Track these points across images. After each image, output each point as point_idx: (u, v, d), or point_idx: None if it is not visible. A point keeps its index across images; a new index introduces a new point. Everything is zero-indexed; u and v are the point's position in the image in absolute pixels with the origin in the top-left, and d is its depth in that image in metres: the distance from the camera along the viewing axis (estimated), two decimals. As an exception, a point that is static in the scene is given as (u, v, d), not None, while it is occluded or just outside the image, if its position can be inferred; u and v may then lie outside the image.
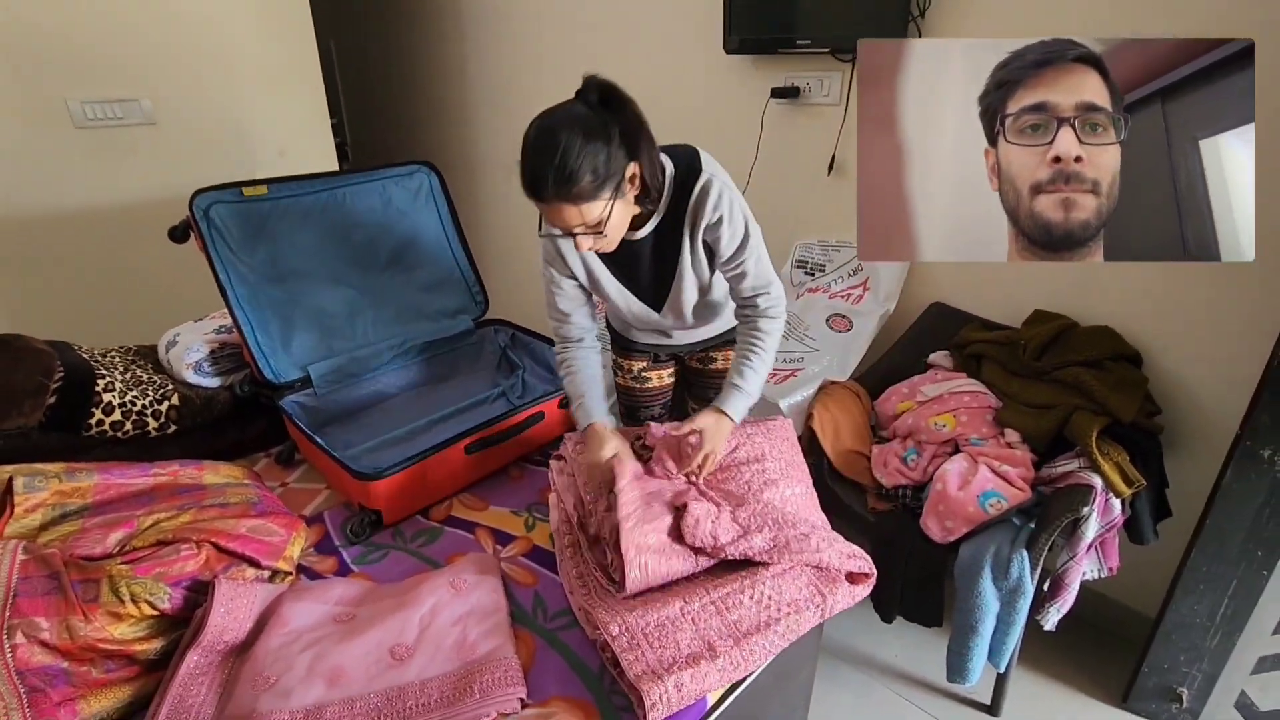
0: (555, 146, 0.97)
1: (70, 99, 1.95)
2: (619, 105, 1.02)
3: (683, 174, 1.13)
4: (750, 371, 1.21)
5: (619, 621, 1.01)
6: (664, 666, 0.95)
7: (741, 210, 1.15)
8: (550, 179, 0.98)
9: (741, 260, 1.17)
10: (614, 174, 1.01)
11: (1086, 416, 1.40)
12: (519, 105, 2.81)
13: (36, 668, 0.87)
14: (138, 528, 1.07)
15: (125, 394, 1.43)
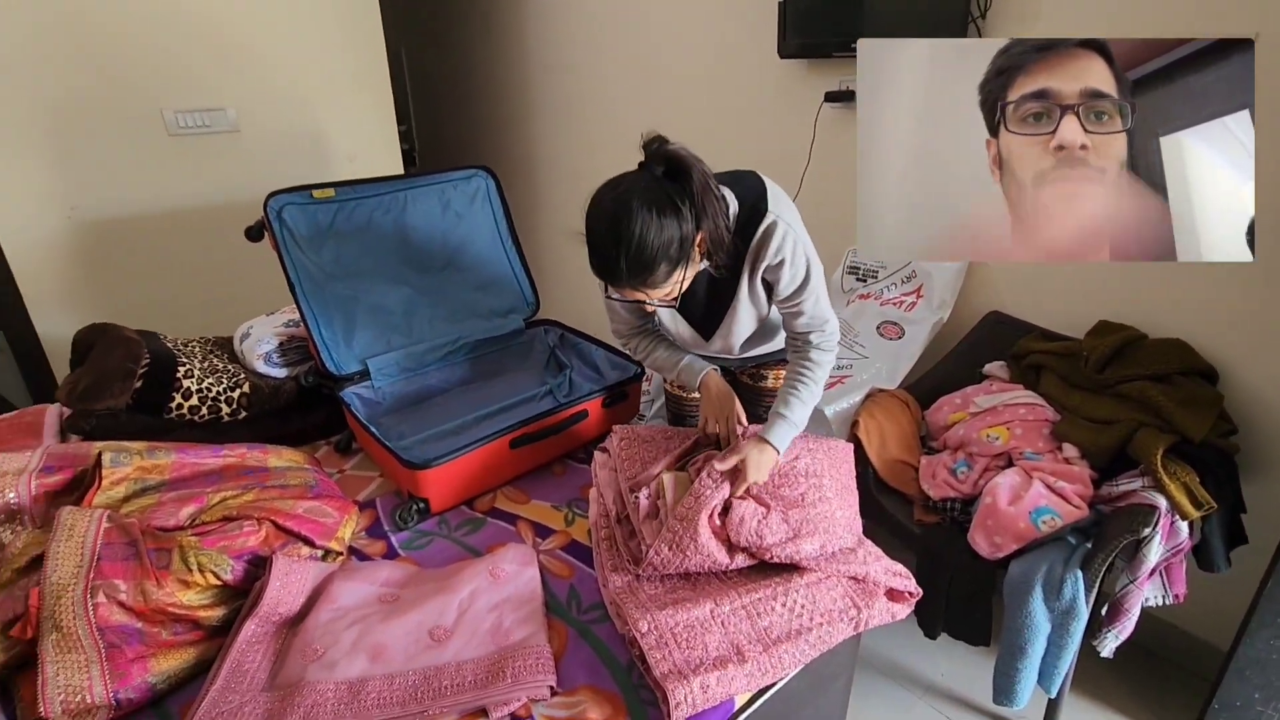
0: (629, 237, 0.93)
1: (165, 108, 2.12)
2: (685, 175, 0.98)
3: (747, 213, 1.10)
4: (798, 402, 1.18)
5: (649, 619, 1.02)
6: (690, 667, 0.96)
7: (805, 252, 1.11)
8: (625, 270, 0.96)
9: (800, 301, 1.15)
10: (686, 252, 0.98)
11: (1152, 433, 1.33)
12: (577, 112, 2.87)
13: (115, 626, 0.95)
14: (207, 504, 1.15)
15: (203, 381, 1.54)
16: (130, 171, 2.11)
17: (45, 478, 1.14)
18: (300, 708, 0.90)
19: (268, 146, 2.33)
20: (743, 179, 1.13)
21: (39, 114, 1.94)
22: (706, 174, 1.01)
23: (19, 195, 1.96)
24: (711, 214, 1.00)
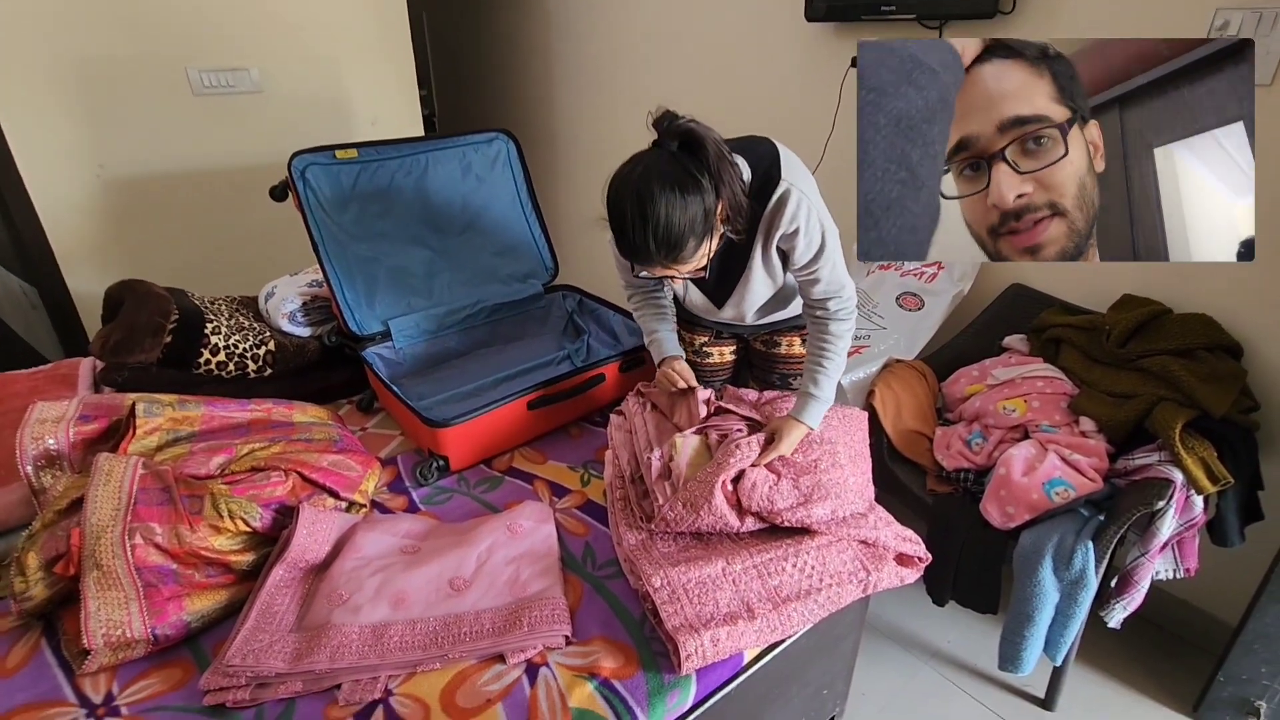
0: (655, 217, 0.94)
1: (190, 67, 2.13)
2: (700, 147, 0.97)
3: (760, 180, 1.09)
4: (824, 377, 1.19)
5: (661, 575, 1.05)
6: (701, 621, 0.99)
7: (819, 219, 1.10)
8: (654, 250, 0.97)
9: (816, 268, 1.14)
10: (710, 225, 0.99)
11: (1171, 408, 1.32)
12: (599, 78, 2.84)
13: (152, 566, 1.00)
14: (236, 454, 1.19)
15: (229, 338, 1.57)
16: (156, 130, 2.13)
17: (82, 425, 1.18)
18: (327, 647, 0.95)
19: (290, 108, 2.34)
20: (755, 146, 1.11)
21: (66, 72, 1.96)
22: (719, 143, 1.00)
23: (49, 153, 2.00)
24: (728, 180, 1.00)
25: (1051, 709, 1.50)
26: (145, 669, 0.97)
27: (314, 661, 0.93)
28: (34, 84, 1.93)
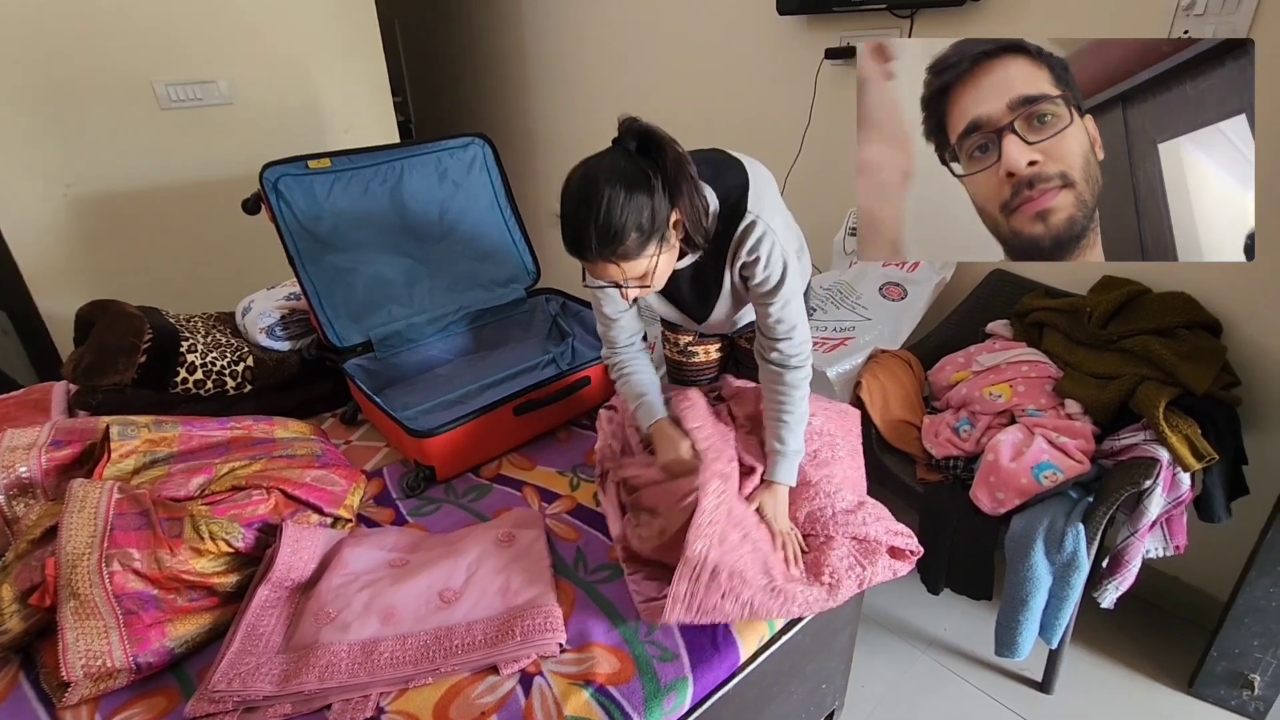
0: (597, 204, 0.91)
1: (156, 81, 2.09)
2: (658, 150, 0.95)
3: (728, 211, 1.06)
4: (788, 432, 1.15)
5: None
6: (692, 579, 0.99)
7: (781, 255, 1.07)
8: (594, 239, 0.93)
9: (771, 301, 1.11)
10: (658, 227, 0.96)
11: (1154, 387, 1.33)
12: (575, 79, 2.83)
13: (131, 593, 0.97)
14: (215, 474, 1.16)
15: (206, 355, 1.54)
16: (124, 146, 2.09)
17: (55, 451, 1.15)
18: (316, 667, 0.93)
19: (262, 119, 2.30)
20: (725, 173, 1.07)
21: (29, 89, 1.91)
22: (682, 154, 0.97)
23: (13, 172, 1.95)
24: (687, 193, 0.97)
25: (1049, 691, 1.51)
26: (128, 699, 0.94)
27: (303, 682, 0.91)
28: (-5, 103, 1.88)
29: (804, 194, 2.10)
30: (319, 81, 2.40)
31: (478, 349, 1.84)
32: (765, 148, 2.19)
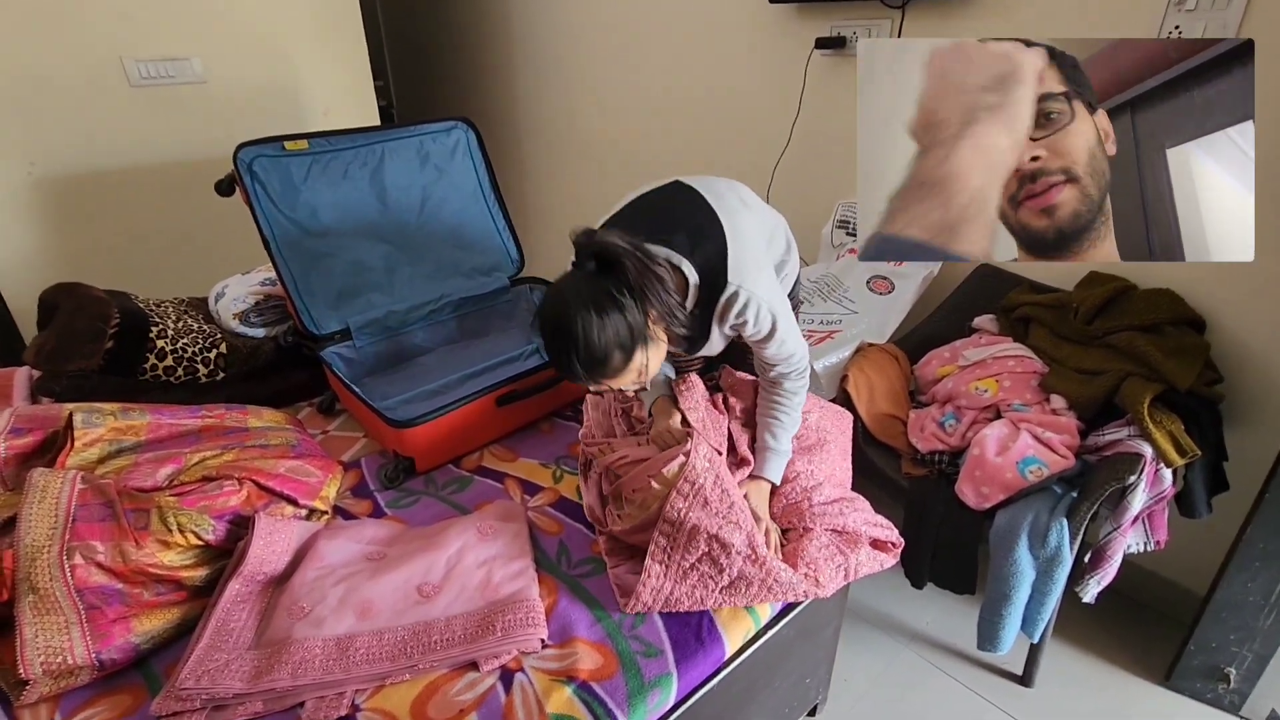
0: (574, 336, 0.92)
1: (126, 58, 2.01)
2: (617, 263, 0.93)
3: (708, 287, 1.04)
4: (781, 431, 1.18)
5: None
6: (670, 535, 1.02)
7: (769, 310, 1.05)
8: (580, 369, 0.95)
9: (765, 345, 1.12)
10: (638, 338, 0.95)
11: (1139, 383, 1.33)
12: (561, 65, 2.78)
13: (94, 587, 0.94)
14: (185, 464, 1.12)
15: (177, 341, 1.49)
16: (91, 125, 2.01)
17: (14, 439, 1.10)
18: (288, 664, 0.90)
19: (237, 99, 2.24)
20: (703, 242, 1.04)
21: (-11, 63, 1.84)
22: (641, 258, 0.95)
23: (-27, 151, 1.87)
24: (657, 297, 0.96)
25: (1030, 685, 1.52)
26: (91, 697, 0.90)
27: (275, 679, 0.88)
28: (-46, 77, 1.80)
29: (792, 185, 2.09)
30: (297, 61, 2.34)
31: (459, 338, 1.80)
32: (754, 137, 2.18)
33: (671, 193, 1.10)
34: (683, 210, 1.07)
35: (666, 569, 1.01)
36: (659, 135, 2.52)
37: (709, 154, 2.38)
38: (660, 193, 1.11)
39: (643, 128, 2.56)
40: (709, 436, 1.14)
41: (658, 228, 1.04)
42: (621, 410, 1.32)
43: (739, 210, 1.09)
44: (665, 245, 1.02)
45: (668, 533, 1.03)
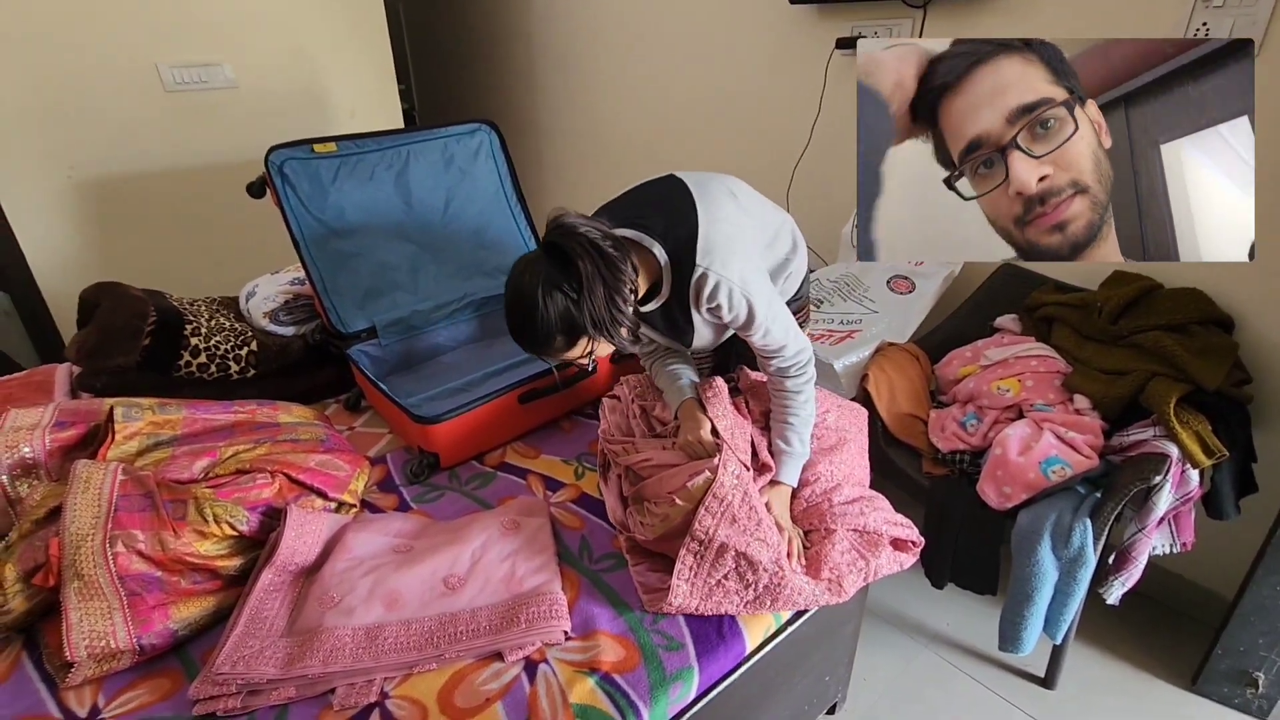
0: (523, 310, 0.97)
1: (161, 64, 2.07)
2: (571, 257, 0.96)
3: (679, 261, 1.06)
4: (794, 434, 1.17)
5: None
6: (698, 555, 1.02)
7: (742, 295, 1.05)
8: (527, 341, 1.01)
9: (749, 333, 1.12)
10: (580, 326, 0.98)
11: (1165, 383, 1.32)
12: (581, 67, 2.81)
13: (135, 574, 0.97)
14: (219, 457, 1.16)
15: (210, 339, 1.53)
16: (128, 129, 2.07)
17: (59, 432, 1.15)
18: (320, 652, 0.92)
19: (267, 103, 2.29)
20: (675, 225, 1.06)
21: (33, 69, 1.90)
22: (600, 261, 0.97)
23: (17, 156, 1.94)
24: (602, 296, 0.97)
25: (1052, 687, 1.51)
26: (132, 680, 0.94)
27: (307, 666, 0.91)
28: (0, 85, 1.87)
29: (813, 185, 2.09)
30: (324, 66, 2.39)
31: (482, 337, 1.83)
32: (774, 138, 2.18)
33: (660, 182, 1.15)
34: (664, 197, 1.11)
35: (693, 586, 1.01)
36: (679, 136, 2.53)
37: (729, 154, 2.39)
38: (652, 182, 1.16)
39: (663, 128, 2.58)
40: (737, 447, 1.13)
41: (637, 212, 1.09)
42: (641, 409, 1.33)
43: (722, 199, 1.11)
44: (640, 229, 1.07)
45: (695, 550, 1.02)
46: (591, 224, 1.00)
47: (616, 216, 1.08)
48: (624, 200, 1.16)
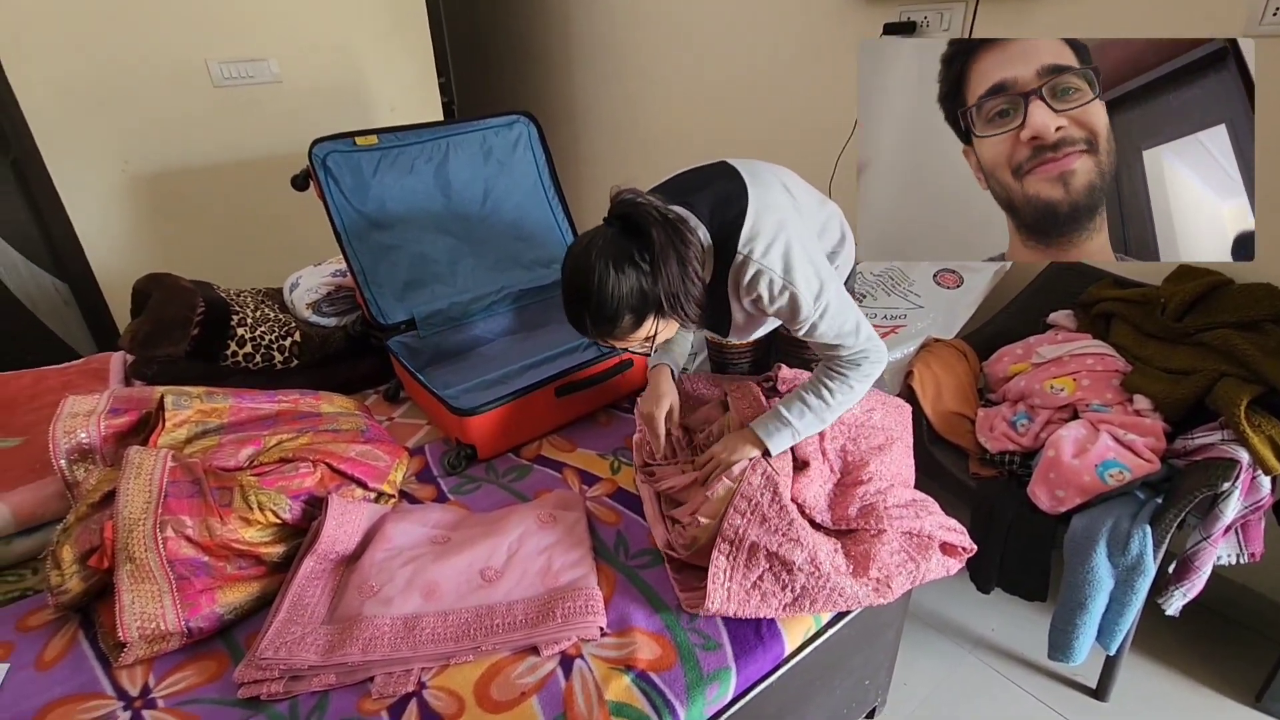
0: (589, 290, 0.92)
1: (210, 60, 2.12)
2: (644, 226, 0.92)
3: (722, 247, 1.03)
4: (804, 409, 1.10)
5: None
6: (730, 556, 1.00)
7: (786, 287, 1.01)
8: (589, 324, 0.96)
9: (796, 328, 1.06)
10: (651, 305, 0.94)
11: (1234, 384, 1.24)
12: (620, 59, 2.78)
13: (184, 559, 0.99)
14: (264, 445, 1.18)
15: (255, 329, 1.57)
16: (178, 124, 2.13)
17: (113, 419, 1.18)
18: (359, 640, 0.93)
19: (310, 97, 2.33)
20: (722, 209, 1.03)
21: (89, 68, 1.96)
22: (670, 232, 0.94)
23: (75, 150, 2.01)
24: (674, 273, 0.93)
25: (1104, 699, 1.45)
26: (180, 661, 0.96)
27: (346, 654, 0.92)
28: (58, 82, 1.93)
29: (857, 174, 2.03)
30: (365, 61, 2.42)
31: (520, 329, 1.83)
32: (817, 127, 2.13)
33: (711, 166, 1.12)
34: (713, 180, 1.07)
35: (729, 591, 0.99)
36: (719, 126, 2.50)
37: (771, 144, 2.35)
38: (703, 166, 1.13)
39: (703, 119, 2.54)
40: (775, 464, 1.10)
41: (686, 193, 1.05)
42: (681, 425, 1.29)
43: (774, 189, 1.07)
44: (686, 208, 1.03)
45: (727, 553, 1.00)
46: (658, 203, 0.96)
47: (664, 196, 1.03)
48: (673, 182, 1.12)
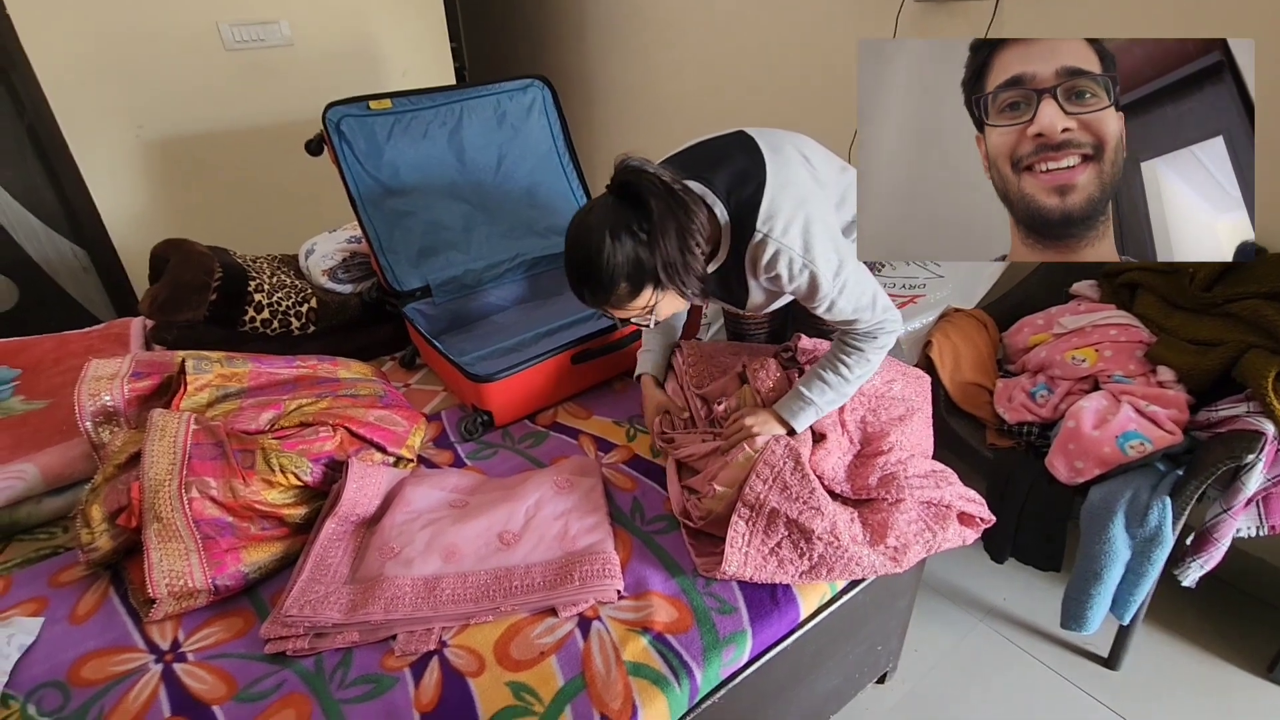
0: (586, 257, 0.92)
1: (222, 22, 2.09)
2: (644, 195, 0.91)
3: (740, 223, 1.01)
4: (824, 386, 1.11)
5: None
6: (749, 521, 1.01)
7: (804, 265, 0.99)
8: (588, 291, 0.96)
9: (813, 305, 1.05)
10: (649, 271, 0.93)
11: (1263, 355, 1.22)
12: (634, 24, 2.72)
13: (209, 519, 1.01)
14: (284, 409, 1.19)
15: (272, 295, 1.57)
16: (191, 88, 2.11)
17: (136, 382, 1.19)
18: (381, 599, 0.95)
19: (322, 61, 2.30)
20: (741, 185, 1.01)
21: (102, 33, 1.94)
22: (671, 202, 0.92)
23: (90, 116, 2.00)
24: (672, 245, 0.92)
25: (1116, 668, 1.45)
26: (208, 618, 0.99)
27: (369, 613, 0.94)
28: (72, 47, 1.91)
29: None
30: (377, 24, 2.38)
31: (534, 297, 1.83)
32: (836, 98, 2.08)
33: (729, 137, 1.09)
34: (731, 153, 1.05)
35: (746, 556, 1.00)
36: (736, 95, 2.44)
37: (789, 114, 2.30)
38: (719, 137, 1.10)
39: (719, 86, 2.49)
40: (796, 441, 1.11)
41: (703, 166, 1.03)
42: (701, 399, 1.29)
43: (793, 162, 1.05)
44: (704, 184, 1.01)
45: (746, 517, 1.02)
46: (661, 169, 0.96)
47: (680, 169, 1.02)
48: (688, 153, 1.10)
